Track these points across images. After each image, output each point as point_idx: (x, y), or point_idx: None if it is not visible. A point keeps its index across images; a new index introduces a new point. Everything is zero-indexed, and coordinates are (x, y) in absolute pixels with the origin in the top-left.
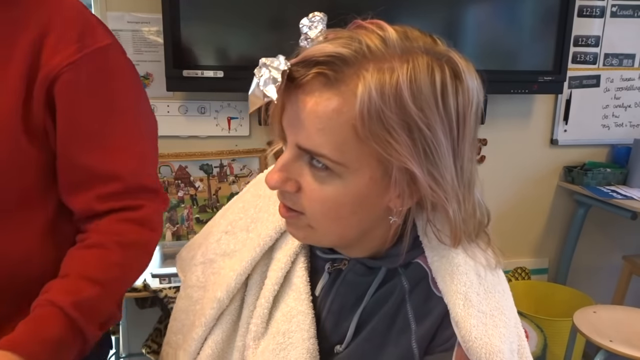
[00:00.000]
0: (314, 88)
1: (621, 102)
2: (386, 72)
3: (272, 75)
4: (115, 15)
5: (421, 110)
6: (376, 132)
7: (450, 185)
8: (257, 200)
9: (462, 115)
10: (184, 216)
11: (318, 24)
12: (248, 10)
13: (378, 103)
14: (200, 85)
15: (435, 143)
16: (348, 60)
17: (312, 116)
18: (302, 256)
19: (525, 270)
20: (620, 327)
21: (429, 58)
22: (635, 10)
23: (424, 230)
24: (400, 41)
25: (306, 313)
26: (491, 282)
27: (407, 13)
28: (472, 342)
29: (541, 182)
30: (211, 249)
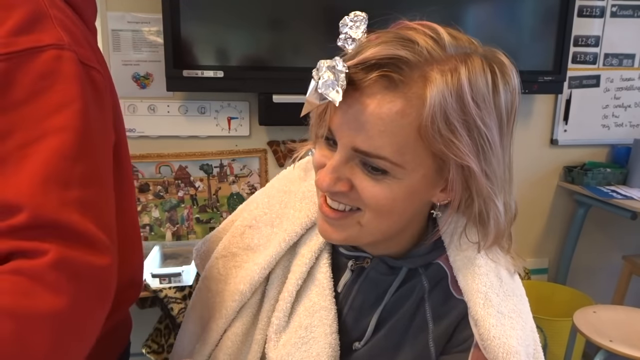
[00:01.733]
0: (375, 90)
1: (621, 102)
2: (448, 74)
3: (333, 77)
4: (115, 15)
5: (479, 109)
6: (442, 133)
7: (501, 179)
8: (283, 196)
9: (510, 113)
10: (184, 216)
11: (360, 24)
12: (248, 10)
13: (445, 105)
14: (200, 85)
15: (491, 140)
16: (410, 62)
17: (374, 118)
18: (325, 252)
19: (525, 270)
20: (620, 327)
21: (481, 59)
22: (635, 10)
23: (447, 230)
24: (453, 42)
25: (329, 308)
26: (510, 286)
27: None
28: (491, 340)
29: (541, 182)
30: (234, 242)
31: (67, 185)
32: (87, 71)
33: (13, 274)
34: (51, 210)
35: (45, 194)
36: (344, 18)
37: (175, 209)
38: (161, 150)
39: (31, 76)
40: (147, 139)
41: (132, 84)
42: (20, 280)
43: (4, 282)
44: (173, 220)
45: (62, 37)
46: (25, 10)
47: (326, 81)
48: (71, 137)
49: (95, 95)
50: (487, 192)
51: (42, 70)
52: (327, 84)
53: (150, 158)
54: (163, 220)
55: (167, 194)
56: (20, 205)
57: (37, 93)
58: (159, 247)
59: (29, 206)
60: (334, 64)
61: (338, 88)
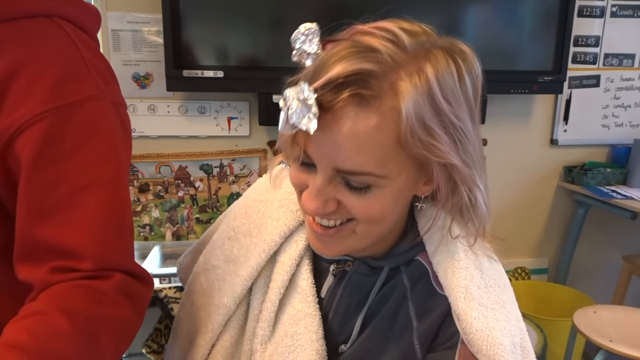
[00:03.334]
0: (347, 110)
1: (621, 102)
2: (415, 76)
3: (302, 106)
4: (115, 15)
5: (450, 104)
6: (421, 139)
7: (478, 162)
8: (259, 206)
9: (476, 98)
10: (184, 216)
11: (313, 37)
12: (248, 10)
13: (420, 111)
14: (200, 85)
15: (465, 131)
16: (377, 74)
17: (351, 138)
18: (306, 259)
19: (525, 270)
20: (620, 327)
21: (443, 52)
22: (635, 10)
23: (426, 224)
24: (411, 40)
25: (313, 315)
26: (492, 277)
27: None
28: (473, 334)
29: (541, 182)
30: (214, 255)
31: (121, 234)
32: (117, 110)
33: (86, 288)
34: (111, 258)
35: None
36: (294, 33)
37: (175, 209)
38: (161, 150)
39: (76, 128)
40: (147, 139)
41: (132, 84)
42: (93, 293)
43: (79, 294)
44: (173, 220)
45: (99, 86)
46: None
47: (295, 110)
48: (116, 187)
49: (124, 131)
50: (470, 179)
51: (86, 122)
52: (298, 113)
53: (150, 158)
54: (163, 220)
55: (167, 194)
56: (84, 254)
57: (82, 144)
58: (159, 247)
59: (92, 256)
60: (301, 91)
61: (310, 116)
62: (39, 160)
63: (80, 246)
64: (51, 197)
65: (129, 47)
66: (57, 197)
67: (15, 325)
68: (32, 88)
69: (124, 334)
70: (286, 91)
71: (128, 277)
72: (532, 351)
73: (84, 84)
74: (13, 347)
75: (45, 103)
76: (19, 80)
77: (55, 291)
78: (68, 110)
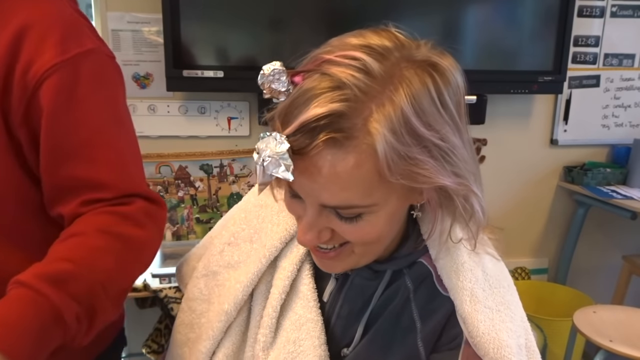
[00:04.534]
0: (323, 154)
1: (621, 102)
2: (387, 106)
3: (275, 155)
4: (115, 15)
5: (430, 127)
6: (402, 170)
7: (469, 170)
8: (260, 211)
9: (458, 108)
10: (184, 216)
11: (280, 76)
12: (248, 10)
13: (397, 144)
14: (200, 85)
15: (451, 147)
16: (347, 114)
17: (331, 178)
18: (307, 263)
19: (525, 270)
20: (620, 327)
21: (414, 69)
22: (635, 10)
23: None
24: (379, 65)
25: (315, 320)
26: (496, 277)
27: (407, 13)
28: (480, 337)
29: (541, 182)
30: (214, 261)
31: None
32: (112, 62)
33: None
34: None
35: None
36: (260, 76)
37: (175, 209)
38: (161, 150)
39: (85, 76)
40: (147, 139)
41: (132, 84)
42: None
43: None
44: (173, 220)
45: (94, 40)
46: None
47: (271, 162)
48: (126, 124)
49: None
50: (464, 190)
51: (93, 71)
52: (273, 164)
53: (150, 158)
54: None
55: (167, 194)
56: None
57: (93, 90)
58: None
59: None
60: (274, 142)
61: (286, 166)
62: (58, 107)
63: (105, 178)
64: (74, 138)
65: (129, 47)
66: (80, 137)
67: (60, 244)
68: (43, 44)
69: (149, 251)
70: (258, 144)
71: (146, 202)
72: (537, 351)
73: (84, 38)
74: (63, 259)
75: (57, 56)
76: (31, 37)
77: (89, 216)
78: (76, 61)
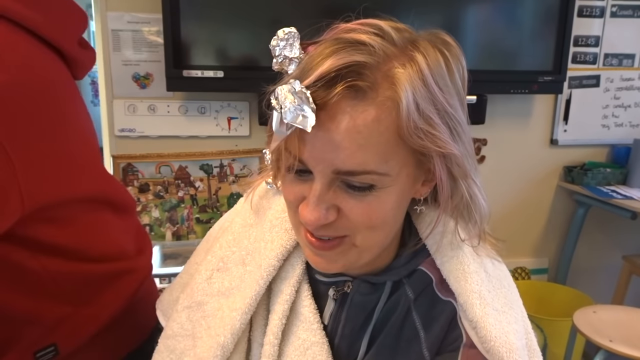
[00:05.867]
0: (343, 104)
1: (621, 102)
2: (408, 66)
3: (296, 101)
4: (115, 15)
5: (443, 92)
6: (421, 128)
7: (472, 156)
8: (250, 230)
9: (464, 87)
10: (184, 216)
11: (293, 40)
12: (248, 10)
13: (417, 99)
14: (200, 85)
15: (460, 120)
16: (370, 65)
17: (351, 133)
18: (305, 283)
19: (525, 270)
20: (620, 327)
21: (429, 42)
22: (635, 10)
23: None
24: (397, 33)
25: (321, 343)
26: (497, 277)
27: (407, 13)
28: (493, 341)
29: (541, 182)
30: (200, 289)
31: None
32: None
33: None
34: None
35: None
36: (273, 39)
37: (175, 209)
38: (161, 150)
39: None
40: (147, 139)
41: (132, 84)
42: None
43: None
44: (173, 220)
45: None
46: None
47: (289, 108)
48: None
49: None
50: (468, 173)
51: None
52: (292, 111)
53: (150, 158)
54: (163, 220)
55: (167, 194)
56: None
57: None
58: (159, 247)
59: None
60: (293, 87)
61: (307, 112)
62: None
63: None
64: None
65: (129, 47)
66: None
67: None
68: None
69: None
70: (277, 89)
71: None
72: (538, 349)
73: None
74: None
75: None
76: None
77: None
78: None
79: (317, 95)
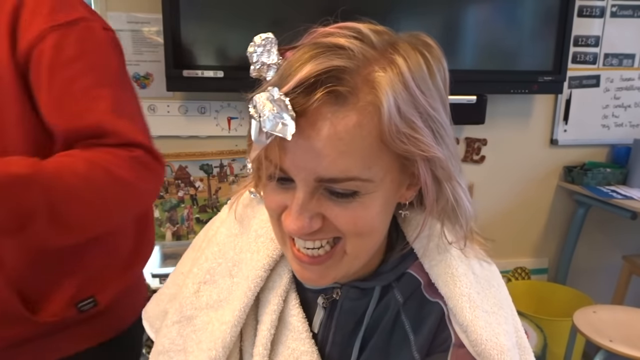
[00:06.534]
0: (324, 111)
1: (621, 102)
2: (389, 69)
3: (275, 109)
4: (115, 15)
5: (425, 95)
6: (404, 133)
7: (456, 158)
8: (235, 240)
9: (445, 88)
10: (184, 216)
11: (271, 47)
12: (248, 10)
13: (398, 103)
14: (200, 85)
15: (442, 122)
16: (350, 70)
17: (332, 140)
18: (293, 292)
19: (525, 270)
20: (620, 327)
21: (409, 43)
22: (635, 10)
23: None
24: (377, 35)
25: (310, 352)
26: (485, 278)
27: (407, 13)
28: (484, 344)
29: (541, 182)
30: (188, 303)
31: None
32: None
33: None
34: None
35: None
36: (250, 45)
37: (175, 209)
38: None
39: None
40: None
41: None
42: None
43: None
44: (173, 220)
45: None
46: None
47: (268, 116)
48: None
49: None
50: (452, 175)
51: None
52: (271, 119)
53: None
54: (163, 220)
55: (167, 194)
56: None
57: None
58: (159, 247)
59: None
60: (271, 94)
61: (286, 118)
62: (51, 66)
63: (104, 127)
64: (69, 94)
65: (129, 47)
66: (74, 93)
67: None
68: (36, 15)
69: (134, 198)
70: (255, 97)
71: (146, 153)
72: (529, 346)
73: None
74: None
75: (46, 23)
76: (26, 10)
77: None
78: (64, 28)
79: (297, 102)
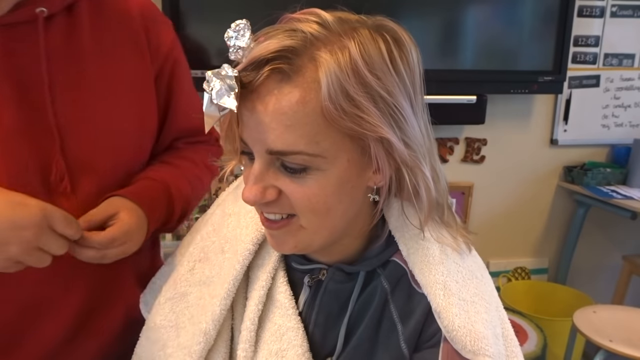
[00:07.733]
0: (270, 87)
1: (621, 102)
2: (338, 51)
3: (225, 85)
4: None
5: (378, 78)
6: (346, 110)
7: (421, 146)
8: (228, 219)
9: (412, 77)
10: None
11: (244, 31)
12: (248, 10)
13: (341, 81)
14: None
15: (399, 106)
16: (298, 50)
17: (277, 115)
18: (281, 270)
19: (525, 270)
20: (620, 327)
21: (369, 30)
22: (635, 10)
23: (397, 224)
24: (337, 21)
25: (296, 328)
26: (469, 268)
27: (407, 13)
28: (456, 331)
29: (541, 182)
30: (182, 280)
31: None
32: None
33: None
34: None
35: None
36: (227, 31)
37: None
38: None
39: None
40: None
41: None
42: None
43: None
44: None
45: None
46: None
47: (219, 90)
48: None
49: None
50: (411, 161)
51: None
52: (220, 92)
53: None
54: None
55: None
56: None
57: None
58: None
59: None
60: (222, 71)
61: (231, 93)
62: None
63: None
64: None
65: None
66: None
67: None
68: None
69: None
70: (208, 73)
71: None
72: (515, 338)
73: None
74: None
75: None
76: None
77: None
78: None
79: (247, 78)
